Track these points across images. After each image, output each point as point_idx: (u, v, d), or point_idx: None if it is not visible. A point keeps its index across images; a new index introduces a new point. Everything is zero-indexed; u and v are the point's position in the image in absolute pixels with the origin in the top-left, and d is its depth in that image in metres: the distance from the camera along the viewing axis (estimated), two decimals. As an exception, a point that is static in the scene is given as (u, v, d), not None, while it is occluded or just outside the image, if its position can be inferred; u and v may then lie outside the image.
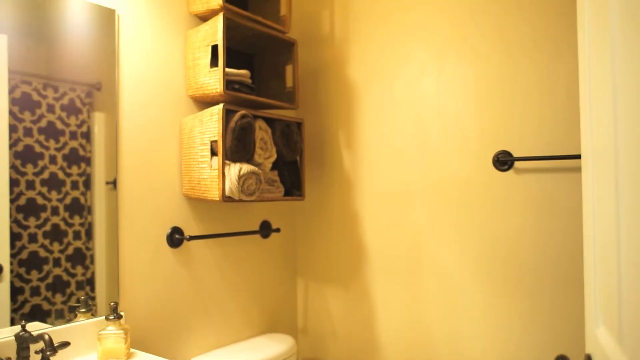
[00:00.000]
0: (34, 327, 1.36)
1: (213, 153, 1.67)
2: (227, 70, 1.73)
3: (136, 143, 1.65)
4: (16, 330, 1.31)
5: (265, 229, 2.11)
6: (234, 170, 1.64)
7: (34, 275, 1.37)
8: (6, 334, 1.30)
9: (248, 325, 2.07)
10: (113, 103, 1.58)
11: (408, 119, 1.97)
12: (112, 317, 1.43)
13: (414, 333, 1.96)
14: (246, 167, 1.66)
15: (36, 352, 1.26)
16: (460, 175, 1.83)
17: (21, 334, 1.24)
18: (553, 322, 1.64)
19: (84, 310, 1.49)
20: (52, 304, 1.41)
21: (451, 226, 1.86)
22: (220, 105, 1.63)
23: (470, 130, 1.81)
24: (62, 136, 1.45)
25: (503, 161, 1.73)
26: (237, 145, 1.68)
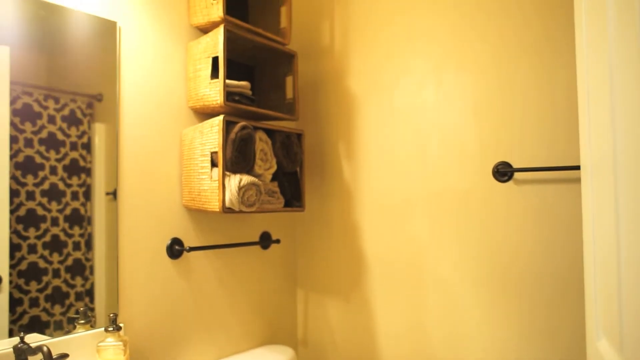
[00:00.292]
0: (33, 339, 1.36)
1: (213, 164, 1.68)
2: (228, 81, 1.73)
3: (136, 154, 1.66)
4: (14, 342, 1.30)
5: (265, 240, 2.11)
6: (234, 181, 1.64)
7: (33, 286, 1.37)
8: (4, 346, 1.29)
9: (247, 336, 2.06)
10: (114, 114, 1.59)
11: (408, 130, 1.97)
12: (112, 329, 1.42)
13: (415, 344, 1.94)
14: (246, 178, 1.67)
15: (34, 364, 1.26)
16: (459, 186, 1.84)
17: (20, 346, 1.24)
18: (552, 332, 1.63)
19: (83, 321, 1.48)
20: (51, 315, 1.41)
21: (451, 237, 1.86)
22: (220, 116, 1.64)
23: (469, 141, 1.81)
24: (63, 147, 1.45)
25: (503, 172, 1.73)
26: (238, 156, 1.68)
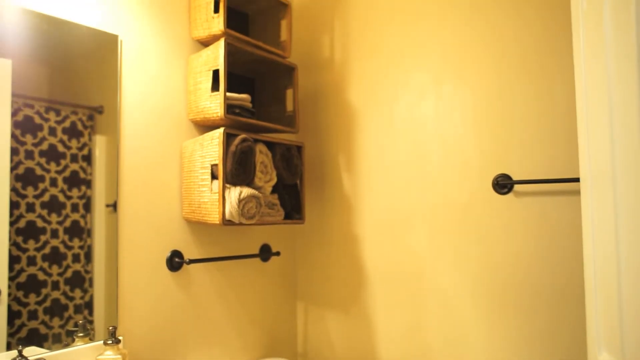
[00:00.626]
0: (31, 352, 1.35)
1: (213, 176, 1.68)
2: (228, 94, 1.74)
3: (137, 166, 1.66)
4: (12, 355, 1.30)
5: (265, 253, 2.10)
6: (235, 193, 1.64)
7: (32, 298, 1.36)
8: (2, 359, 1.28)
9: (247, 349, 2.05)
10: (115, 126, 1.59)
11: (407, 142, 1.98)
12: (111, 342, 1.41)
13: (415, 357, 1.93)
14: (246, 191, 1.67)
15: (32, 378, 1.25)
16: (459, 198, 1.84)
17: (18, 359, 1.23)
18: (551, 345, 1.62)
19: (82, 334, 1.47)
20: (50, 328, 1.40)
21: (451, 249, 1.85)
22: (221, 129, 1.64)
23: (469, 153, 1.82)
24: (63, 159, 1.46)
25: (503, 184, 1.73)
26: (238, 168, 1.68)
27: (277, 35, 2.04)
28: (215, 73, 1.72)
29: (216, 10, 1.74)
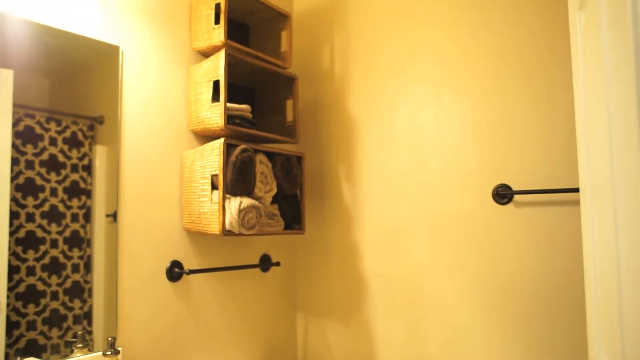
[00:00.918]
0: (29, 363, 1.34)
1: (214, 187, 1.68)
2: (229, 105, 1.75)
3: (137, 176, 1.66)
4: (11, 365, 1.29)
5: (265, 263, 2.10)
6: (235, 204, 1.64)
7: (31, 309, 1.36)
8: (0, 370, 1.28)
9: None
10: (115, 136, 1.60)
11: (407, 153, 1.98)
12: (110, 353, 1.41)
13: (416, 370, 1.92)
14: (246, 201, 1.67)
15: (30, 389, 1.24)
16: (459, 208, 1.84)
17: (16, 370, 1.22)
18: (550, 353, 1.61)
19: (81, 345, 1.46)
20: (48, 339, 1.39)
21: (451, 259, 1.85)
22: (221, 139, 1.65)
23: (469, 163, 1.82)
24: (64, 169, 1.46)
25: (502, 194, 1.73)
26: (238, 179, 1.68)
27: (278, 46, 2.05)
28: (215, 84, 1.73)
29: (217, 21, 1.76)
